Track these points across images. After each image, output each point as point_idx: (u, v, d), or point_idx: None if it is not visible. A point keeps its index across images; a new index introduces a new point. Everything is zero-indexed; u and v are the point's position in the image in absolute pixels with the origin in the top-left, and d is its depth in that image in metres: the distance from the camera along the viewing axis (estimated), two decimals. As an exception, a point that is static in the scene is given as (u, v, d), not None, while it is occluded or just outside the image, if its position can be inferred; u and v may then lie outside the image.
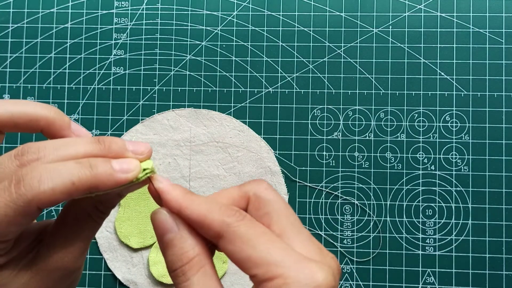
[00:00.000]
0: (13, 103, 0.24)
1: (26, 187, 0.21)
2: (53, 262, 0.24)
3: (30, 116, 0.24)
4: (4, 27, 0.52)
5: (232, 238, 0.22)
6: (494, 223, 0.47)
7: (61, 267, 0.24)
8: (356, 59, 0.49)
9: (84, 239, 0.24)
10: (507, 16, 0.49)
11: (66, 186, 0.21)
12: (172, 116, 0.50)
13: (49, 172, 0.21)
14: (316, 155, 0.49)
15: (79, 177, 0.21)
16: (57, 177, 0.21)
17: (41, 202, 0.21)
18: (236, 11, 0.51)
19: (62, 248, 0.24)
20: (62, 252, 0.24)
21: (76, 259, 0.24)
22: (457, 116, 0.49)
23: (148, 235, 0.48)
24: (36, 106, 0.24)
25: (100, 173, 0.22)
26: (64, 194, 0.21)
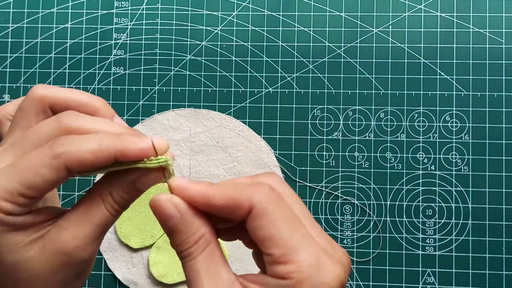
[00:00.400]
0: (68, 89, 0.27)
1: (58, 144, 0.23)
2: (60, 243, 0.24)
3: (80, 101, 0.27)
4: (4, 27, 0.52)
5: (260, 214, 0.22)
6: (494, 223, 0.47)
7: (67, 251, 0.24)
8: (356, 59, 0.49)
9: (94, 227, 0.25)
10: (507, 16, 0.49)
11: (92, 148, 0.23)
12: (172, 116, 0.50)
13: (82, 137, 0.23)
14: (316, 155, 0.49)
15: (107, 142, 0.23)
16: (86, 140, 0.23)
17: (68, 158, 0.23)
18: (236, 11, 0.51)
19: (70, 231, 0.24)
20: (69, 235, 0.24)
21: (83, 246, 0.24)
22: (457, 116, 0.49)
23: (148, 235, 0.48)
24: (87, 95, 0.27)
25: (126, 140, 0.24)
26: (90, 154, 0.23)
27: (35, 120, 0.26)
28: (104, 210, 0.25)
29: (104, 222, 0.25)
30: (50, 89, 0.27)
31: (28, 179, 0.23)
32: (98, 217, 0.25)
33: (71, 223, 0.25)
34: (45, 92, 0.26)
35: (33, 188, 0.23)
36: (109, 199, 0.25)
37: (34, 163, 0.23)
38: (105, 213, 0.25)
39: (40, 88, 0.27)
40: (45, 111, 0.27)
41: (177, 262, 0.48)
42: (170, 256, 0.48)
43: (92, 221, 0.25)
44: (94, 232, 0.25)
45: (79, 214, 0.25)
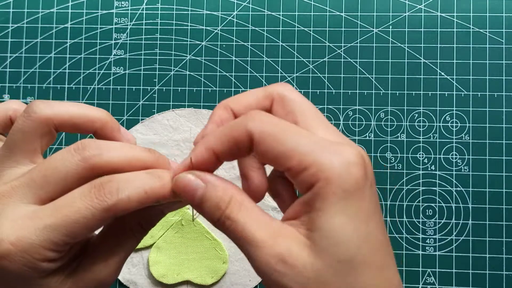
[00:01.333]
0: (72, 104, 0.26)
1: (106, 194, 0.22)
2: (92, 273, 0.24)
3: (87, 117, 0.26)
4: (4, 27, 0.52)
5: (261, 139, 0.22)
6: (494, 223, 0.47)
7: (98, 280, 0.24)
8: (356, 59, 0.49)
9: (123, 254, 0.25)
10: (507, 16, 0.49)
11: (140, 195, 0.22)
12: (172, 116, 0.50)
13: (126, 181, 0.23)
14: (316, 155, 0.49)
15: (151, 187, 0.23)
16: (132, 186, 0.23)
17: (118, 210, 0.22)
18: (236, 11, 0.51)
19: (102, 261, 0.24)
20: (101, 265, 0.24)
21: (113, 273, 0.25)
22: (457, 116, 0.49)
23: (148, 235, 0.48)
24: (92, 109, 0.26)
25: (166, 185, 0.23)
26: (137, 203, 0.23)
27: (40, 143, 0.25)
28: (133, 237, 0.26)
29: (131, 249, 0.26)
30: (53, 108, 0.25)
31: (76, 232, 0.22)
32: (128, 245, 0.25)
33: (101, 253, 0.25)
34: (49, 112, 0.25)
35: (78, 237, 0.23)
36: (139, 229, 0.26)
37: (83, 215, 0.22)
38: (134, 239, 0.26)
39: (42, 107, 0.25)
40: (50, 132, 0.25)
41: (177, 262, 0.48)
42: (170, 256, 0.48)
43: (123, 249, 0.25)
44: (124, 258, 0.25)
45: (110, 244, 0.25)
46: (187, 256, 0.48)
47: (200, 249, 0.48)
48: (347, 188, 0.21)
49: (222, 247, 0.48)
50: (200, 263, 0.48)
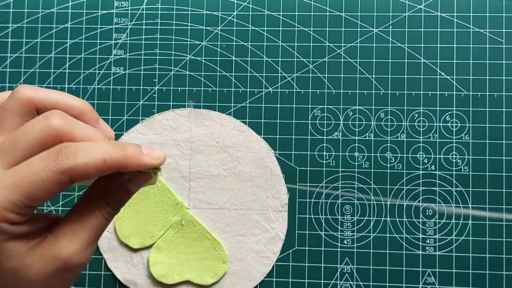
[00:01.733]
0: (56, 91, 0.28)
1: (63, 158, 0.23)
2: (56, 249, 0.25)
3: (66, 104, 0.27)
4: (4, 27, 0.52)
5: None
6: (494, 223, 0.47)
7: (63, 257, 0.25)
8: (356, 59, 0.49)
9: (89, 232, 0.25)
10: (507, 16, 0.49)
11: (98, 162, 0.24)
12: (172, 116, 0.50)
13: (84, 148, 0.24)
14: (316, 155, 0.49)
15: (111, 155, 0.24)
16: (91, 153, 0.24)
17: (74, 173, 0.23)
18: (236, 11, 0.51)
19: (66, 237, 0.25)
20: (65, 241, 0.25)
21: (78, 252, 0.25)
22: (457, 116, 0.49)
23: (148, 235, 0.48)
24: (73, 97, 0.28)
25: (129, 153, 0.25)
26: (95, 169, 0.24)
27: (21, 122, 0.26)
28: (99, 215, 0.26)
29: (99, 226, 0.26)
30: (37, 91, 0.27)
31: (33, 193, 0.23)
32: (93, 222, 0.26)
33: (66, 230, 0.25)
34: (31, 93, 0.27)
35: (37, 200, 0.24)
36: (103, 203, 0.26)
37: (40, 176, 0.23)
38: (100, 216, 0.26)
39: (26, 89, 0.27)
40: (31, 113, 0.27)
41: (177, 262, 0.48)
42: (170, 256, 0.48)
43: (88, 226, 0.25)
44: (89, 236, 0.26)
45: (75, 219, 0.26)
46: (187, 256, 0.48)
47: (200, 249, 0.48)
48: None
49: (222, 247, 0.48)
50: (200, 263, 0.48)
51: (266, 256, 0.48)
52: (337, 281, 0.48)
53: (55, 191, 0.24)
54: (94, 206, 0.26)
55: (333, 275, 0.48)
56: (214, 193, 0.49)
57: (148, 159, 0.25)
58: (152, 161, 0.25)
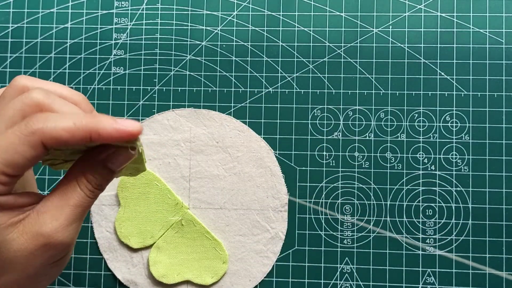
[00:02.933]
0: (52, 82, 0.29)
1: (33, 121, 0.24)
2: (38, 225, 0.25)
3: (60, 93, 0.28)
4: (4, 27, 0.52)
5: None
6: (494, 223, 0.47)
7: (45, 233, 0.25)
8: (356, 59, 0.49)
9: (71, 208, 0.26)
10: (507, 16, 0.49)
11: (68, 125, 0.24)
12: (172, 116, 0.50)
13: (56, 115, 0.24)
14: (316, 155, 0.49)
15: (82, 120, 0.24)
16: (61, 117, 0.24)
17: (44, 135, 0.24)
18: (236, 11, 0.51)
19: (49, 214, 0.25)
20: (48, 218, 0.25)
21: (61, 228, 0.25)
22: (457, 116, 0.49)
23: (148, 235, 0.48)
24: (69, 89, 0.29)
25: (101, 120, 0.24)
26: (65, 132, 0.24)
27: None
28: (79, 191, 0.26)
29: (81, 203, 0.26)
30: (33, 81, 0.28)
31: (8, 158, 0.23)
32: (75, 199, 0.26)
33: (49, 207, 0.25)
34: (27, 82, 0.27)
35: (13, 166, 0.24)
36: (83, 180, 0.26)
37: (12, 141, 0.24)
38: (81, 194, 0.26)
39: (22, 78, 0.28)
40: None
41: (177, 262, 0.48)
42: (170, 256, 0.48)
43: (69, 203, 0.26)
44: (72, 213, 0.26)
45: (57, 197, 0.26)
46: (187, 256, 0.48)
47: (200, 249, 0.48)
48: None
49: (222, 247, 0.48)
50: (200, 263, 0.48)
51: (266, 256, 0.48)
52: (337, 281, 0.48)
53: (28, 154, 0.24)
54: (75, 183, 0.26)
55: (333, 275, 0.48)
56: (214, 193, 0.49)
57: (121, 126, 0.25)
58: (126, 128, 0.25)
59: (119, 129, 0.24)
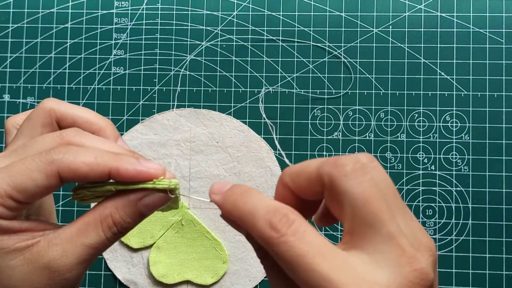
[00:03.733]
0: (78, 106, 0.28)
1: (54, 151, 0.23)
2: (46, 258, 0.23)
3: (87, 119, 0.27)
4: (4, 27, 0.52)
5: (274, 253, 0.20)
6: (494, 223, 0.47)
7: (51, 268, 0.23)
8: (356, 59, 0.49)
9: (85, 248, 0.24)
10: (507, 16, 0.49)
11: (88, 159, 0.23)
12: (172, 116, 0.50)
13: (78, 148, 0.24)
14: (316, 155, 0.49)
15: (103, 156, 0.23)
16: (84, 150, 0.23)
17: (62, 165, 0.23)
18: (236, 11, 0.51)
19: (60, 247, 0.23)
20: (58, 252, 0.23)
21: (70, 266, 0.23)
22: (457, 116, 0.49)
23: (148, 235, 0.48)
24: (95, 114, 0.28)
25: (123, 159, 0.23)
26: (84, 165, 0.23)
27: (41, 131, 0.27)
28: (100, 232, 0.24)
29: (97, 246, 0.24)
30: (60, 104, 0.27)
31: (19, 182, 0.22)
32: (92, 239, 0.24)
33: (62, 239, 0.23)
34: (54, 105, 0.27)
35: (23, 192, 0.22)
36: (109, 220, 0.24)
37: (28, 166, 0.23)
38: (101, 235, 0.24)
39: (50, 101, 0.27)
40: (51, 123, 0.27)
41: (177, 262, 0.48)
42: (170, 256, 0.48)
43: (85, 241, 0.24)
44: (85, 253, 0.24)
45: (74, 230, 0.24)
46: (187, 256, 0.48)
47: (200, 249, 0.48)
48: None
49: (222, 247, 0.48)
50: (200, 263, 0.48)
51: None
52: (337, 281, 0.48)
53: (41, 183, 0.22)
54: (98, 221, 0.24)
55: (333, 275, 0.48)
56: (214, 193, 0.49)
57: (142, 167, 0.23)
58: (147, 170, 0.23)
59: (140, 170, 0.23)
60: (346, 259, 0.19)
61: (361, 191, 0.20)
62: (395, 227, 0.20)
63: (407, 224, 0.20)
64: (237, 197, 0.22)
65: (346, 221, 0.20)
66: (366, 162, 0.21)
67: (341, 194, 0.20)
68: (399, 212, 0.20)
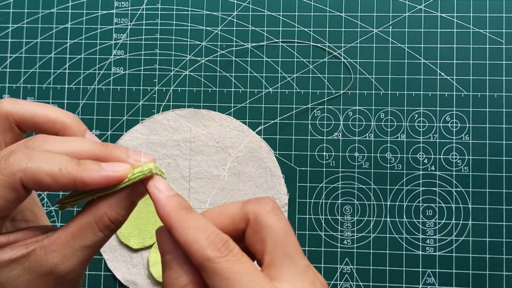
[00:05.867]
0: (37, 104, 0.26)
1: (15, 160, 0.22)
2: (47, 265, 0.23)
3: (48, 118, 0.25)
4: (4, 27, 0.52)
5: (211, 274, 0.21)
6: (494, 224, 0.47)
7: (55, 273, 0.23)
8: (356, 59, 0.49)
9: (85, 249, 0.24)
10: (507, 16, 0.49)
11: (52, 170, 0.22)
12: (172, 116, 0.50)
13: (41, 155, 0.22)
14: (316, 155, 0.49)
15: (67, 166, 0.22)
16: (46, 160, 0.22)
17: (25, 177, 0.22)
18: (236, 11, 0.51)
19: (60, 253, 0.23)
20: (58, 257, 0.23)
21: (73, 268, 0.23)
22: (457, 117, 0.49)
23: (148, 235, 0.48)
24: (56, 110, 0.26)
25: (88, 168, 0.23)
26: (48, 176, 0.22)
27: (2, 138, 0.25)
28: (97, 232, 0.24)
29: (96, 244, 0.24)
30: (16, 105, 0.25)
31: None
32: (90, 239, 0.24)
33: (58, 245, 0.23)
34: (10, 108, 0.25)
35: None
36: (104, 219, 0.24)
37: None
38: (98, 234, 0.24)
39: (5, 104, 0.25)
40: (11, 128, 0.25)
41: (177, 262, 0.48)
42: (170, 256, 0.48)
43: (83, 243, 0.24)
44: (85, 253, 0.24)
45: (68, 236, 0.24)
46: (187, 256, 0.48)
47: (200, 249, 0.48)
48: None
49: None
50: (200, 263, 0.48)
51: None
52: (337, 281, 0.48)
53: (9, 197, 0.22)
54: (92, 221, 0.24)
55: (333, 275, 0.48)
56: (214, 193, 0.49)
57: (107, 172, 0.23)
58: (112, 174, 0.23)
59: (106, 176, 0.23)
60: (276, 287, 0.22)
61: (282, 226, 0.23)
62: (307, 260, 0.24)
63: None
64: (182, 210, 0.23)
65: (267, 254, 0.23)
66: (277, 205, 0.24)
67: (264, 228, 0.23)
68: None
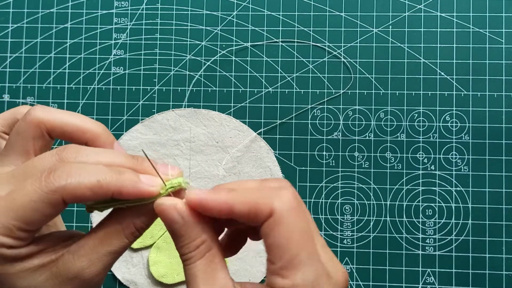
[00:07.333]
0: (67, 113, 0.26)
1: (55, 177, 0.22)
2: (74, 270, 0.24)
3: (78, 127, 0.26)
4: (4, 27, 0.52)
5: (277, 222, 0.23)
6: (494, 223, 0.47)
7: (81, 277, 0.24)
8: (356, 59, 0.49)
9: (111, 255, 0.25)
10: (507, 16, 0.49)
11: (91, 183, 0.22)
12: (172, 116, 0.50)
13: (79, 168, 0.23)
14: (316, 155, 0.49)
15: (105, 178, 0.23)
16: (85, 173, 0.22)
17: (66, 193, 0.22)
18: (236, 11, 0.51)
19: (87, 258, 0.24)
20: (85, 262, 0.24)
21: (98, 273, 0.24)
22: (457, 116, 0.49)
23: (148, 235, 0.48)
24: (85, 119, 0.26)
25: (125, 179, 0.23)
26: (88, 190, 0.22)
27: (32, 145, 0.26)
28: (123, 239, 0.25)
29: (121, 250, 0.25)
30: (48, 113, 0.26)
31: (26, 216, 0.22)
32: (116, 245, 0.25)
33: (86, 250, 0.24)
34: (42, 116, 0.26)
35: (31, 224, 0.23)
36: (131, 227, 0.25)
37: (31, 198, 0.22)
38: (124, 241, 0.25)
39: (37, 112, 0.26)
40: (42, 136, 0.26)
41: (177, 262, 0.48)
42: (170, 256, 0.48)
43: (110, 249, 0.25)
44: (110, 259, 0.25)
45: (96, 240, 0.25)
46: (187, 256, 0.48)
47: (200, 249, 0.48)
48: None
49: (222, 247, 0.48)
50: (200, 263, 0.48)
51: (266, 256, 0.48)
52: (337, 281, 0.48)
53: (47, 212, 0.22)
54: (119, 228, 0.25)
55: (333, 275, 0.48)
56: (214, 193, 0.49)
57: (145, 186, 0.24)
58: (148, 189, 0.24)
59: (141, 189, 0.23)
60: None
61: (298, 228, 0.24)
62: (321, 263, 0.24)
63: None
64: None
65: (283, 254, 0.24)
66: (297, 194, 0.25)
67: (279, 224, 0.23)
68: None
